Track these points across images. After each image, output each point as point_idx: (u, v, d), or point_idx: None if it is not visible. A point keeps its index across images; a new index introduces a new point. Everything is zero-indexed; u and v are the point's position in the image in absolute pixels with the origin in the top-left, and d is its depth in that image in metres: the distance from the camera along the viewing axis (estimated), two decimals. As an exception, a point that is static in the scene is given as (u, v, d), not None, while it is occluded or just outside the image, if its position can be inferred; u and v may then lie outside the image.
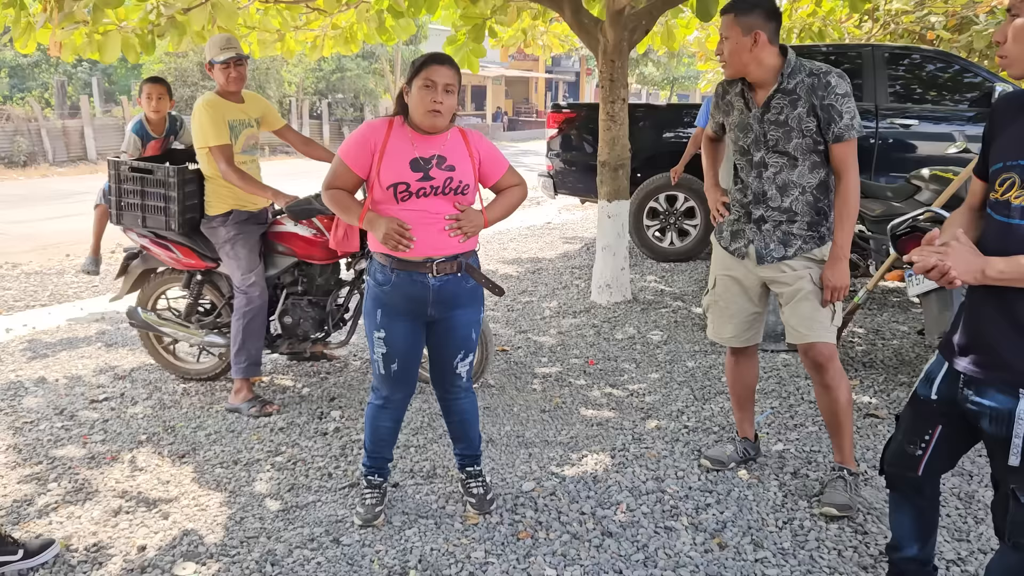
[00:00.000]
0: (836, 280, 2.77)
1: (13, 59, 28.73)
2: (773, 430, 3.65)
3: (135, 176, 4.01)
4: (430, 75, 2.53)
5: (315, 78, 27.84)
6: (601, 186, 5.84)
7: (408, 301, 2.69)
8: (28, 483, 3.27)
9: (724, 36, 2.76)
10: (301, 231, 3.99)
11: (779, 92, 2.74)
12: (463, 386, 2.92)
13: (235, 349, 3.94)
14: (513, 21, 7.49)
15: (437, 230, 2.62)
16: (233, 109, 3.90)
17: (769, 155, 2.82)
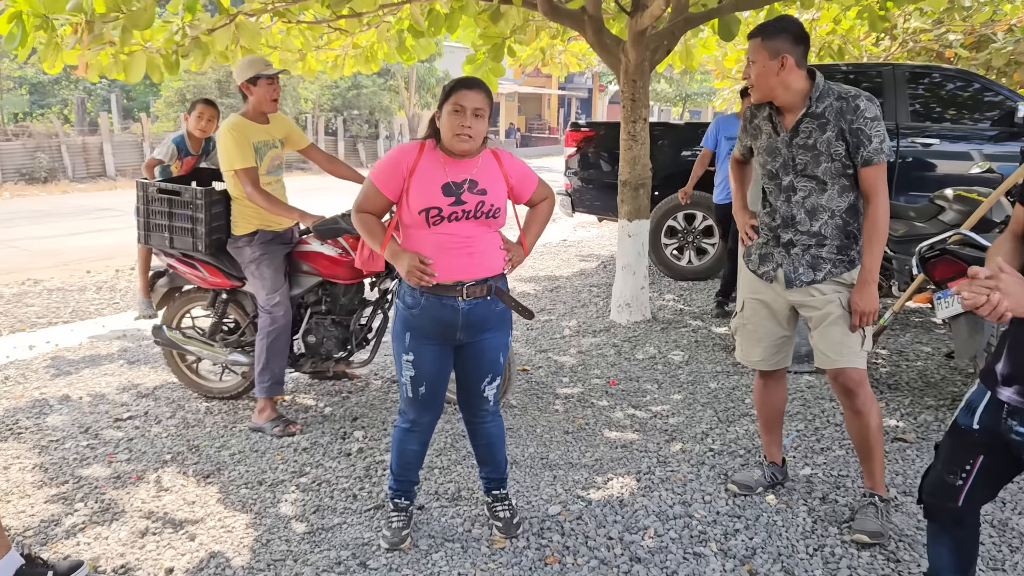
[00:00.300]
0: (865, 305, 2.74)
1: (34, 76, 29.12)
2: (800, 454, 3.62)
3: (163, 197, 4.05)
4: (459, 100, 2.54)
5: (331, 95, 28.05)
6: (622, 205, 5.84)
7: (437, 325, 2.69)
8: (55, 503, 3.28)
9: (751, 60, 2.76)
10: (327, 250, 4.00)
11: (807, 116, 2.73)
12: (490, 409, 2.92)
13: (259, 368, 3.95)
14: (532, 40, 7.54)
15: (467, 254, 2.62)
16: (258, 131, 3.93)
17: (798, 179, 2.81)
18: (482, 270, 2.65)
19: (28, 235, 11.38)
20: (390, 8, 6.55)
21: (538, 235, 2.92)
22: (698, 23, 5.63)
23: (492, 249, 2.68)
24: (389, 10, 6.65)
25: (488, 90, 2.60)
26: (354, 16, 6.46)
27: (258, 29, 6.12)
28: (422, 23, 6.57)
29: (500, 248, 2.72)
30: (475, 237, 2.62)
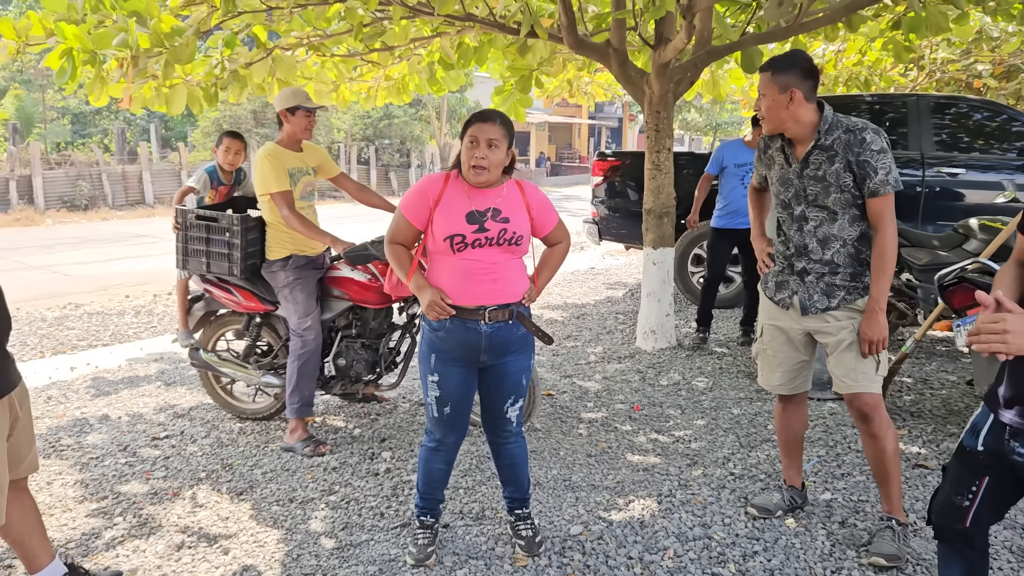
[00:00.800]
0: (872, 333, 2.80)
1: (76, 107, 30.01)
2: (820, 479, 3.65)
3: (200, 224, 4.22)
4: (474, 133, 2.68)
5: (363, 125, 28.56)
6: (646, 233, 5.93)
7: (461, 347, 2.79)
8: (95, 517, 3.42)
9: (762, 93, 2.86)
10: (357, 276, 4.13)
11: (817, 148, 2.83)
12: (513, 431, 3.00)
13: (289, 390, 4.08)
14: (559, 72, 7.70)
15: (491, 280, 2.73)
16: (292, 158, 4.10)
17: (809, 209, 2.89)
18: (504, 296, 2.76)
19: (69, 261, 11.72)
20: (421, 42, 6.76)
21: (550, 277, 3.01)
22: (721, 55, 5.74)
23: (515, 276, 2.79)
24: (420, 43, 6.86)
25: (506, 121, 2.72)
26: (386, 49, 6.67)
27: (294, 62, 6.34)
28: (452, 56, 6.76)
29: (524, 275, 2.83)
30: (498, 264, 2.73)
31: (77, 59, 4.61)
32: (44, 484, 3.73)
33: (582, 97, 9.93)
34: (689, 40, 5.22)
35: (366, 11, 5.55)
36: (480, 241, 2.70)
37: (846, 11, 5.07)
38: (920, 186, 6.76)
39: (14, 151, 20.29)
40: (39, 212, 18.93)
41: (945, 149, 6.89)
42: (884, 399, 4.45)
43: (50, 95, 29.88)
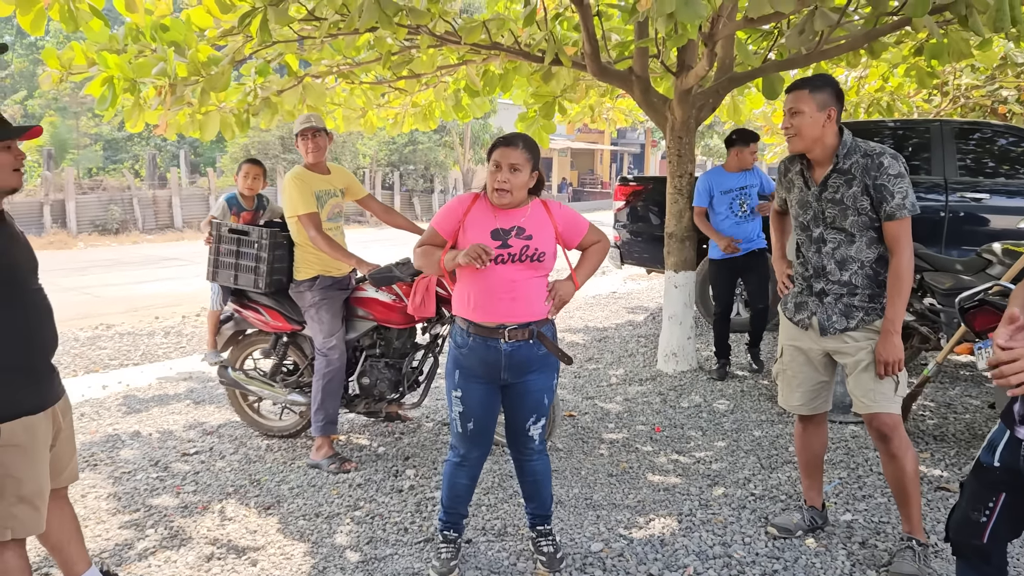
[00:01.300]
0: (887, 354, 2.84)
1: (109, 133, 30.67)
2: (841, 500, 3.66)
3: (232, 237, 4.37)
4: (497, 157, 2.80)
5: (388, 150, 28.92)
6: (668, 257, 5.99)
7: (483, 364, 2.87)
8: (128, 529, 3.51)
9: (796, 111, 2.88)
10: (381, 297, 4.23)
11: (835, 172, 2.89)
12: (536, 448, 3.05)
13: (314, 408, 4.17)
14: (582, 98, 7.82)
15: (511, 298, 2.80)
16: (319, 180, 4.22)
17: (827, 231, 2.95)
18: (525, 314, 2.82)
19: (101, 282, 11.97)
20: (447, 69, 6.91)
21: (589, 272, 3.01)
22: (743, 82, 5.82)
23: (536, 295, 2.85)
24: (446, 71, 7.01)
25: (529, 144, 2.82)
26: (413, 77, 6.82)
27: (323, 90, 6.51)
28: (477, 83, 6.90)
29: (545, 296, 2.87)
30: (519, 281, 2.80)
31: (118, 87, 4.79)
32: (79, 496, 3.83)
33: (603, 123, 10.06)
34: (711, 67, 5.31)
35: (395, 40, 5.70)
36: (503, 257, 2.78)
37: (867, 38, 5.13)
38: (944, 211, 6.77)
39: (49, 176, 20.77)
40: (72, 235, 19.34)
41: (969, 174, 6.90)
42: (906, 422, 4.47)
43: (84, 122, 30.59)
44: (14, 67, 32.96)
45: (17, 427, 2.30)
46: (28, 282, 2.41)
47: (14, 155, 2.35)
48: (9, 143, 2.34)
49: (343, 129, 8.10)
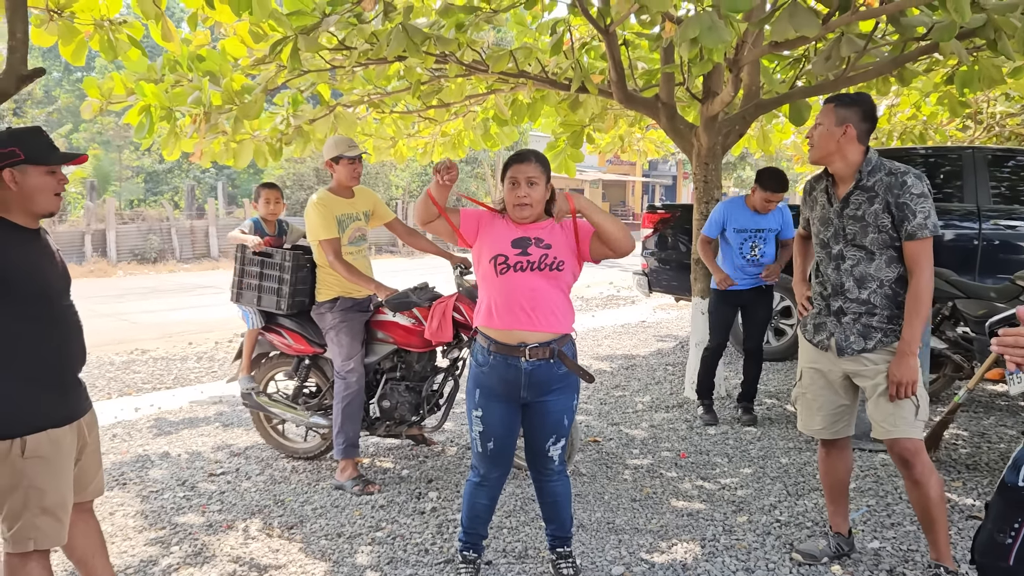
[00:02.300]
0: (900, 375, 2.80)
1: (150, 166, 31.44)
2: (869, 528, 3.59)
3: (257, 259, 4.46)
4: (513, 174, 2.84)
5: (421, 181, 29.24)
6: (695, 283, 5.97)
7: (503, 383, 2.87)
8: (153, 546, 3.55)
9: (818, 122, 2.94)
10: (401, 320, 4.26)
11: (858, 188, 2.89)
12: (555, 469, 3.03)
13: (335, 431, 4.20)
14: (610, 128, 7.86)
15: (531, 307, 2.80)
16: (342, 204, 4.26)
17: (847, 248, 2.94)
18: (544, 326, 2.80)
19: (137, 309, 12.20)
20: (476, 99, 7.02)
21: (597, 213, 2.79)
22: (769, 109, 5.82)
23: (556, 307, 2.83)
24: (475, 100, 7.12)
25: (541, 158, 2.85)
26: (443, 106, 6.94)
27: (354, 119, 6.64)
28: (506, 112, 6.99)
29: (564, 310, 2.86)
30: (539, 290, 2.80)
31: (154, 115, 4.93)
32: (107, 514, 3.89)
33: (634, 153, 10.09)
34: (736, 93, 5.32)
35: (423, 69, 5.81)
36: (522, 264, 2.80)
37: (893, 65, 5.12)
38: (977, 239, 6.67)
39: (91, 207, 21.31)
40: (111, 264, 19.76)
41: (1003, 201, 6.80)
42: (938, 450, 4.39)
43: (126, 155, 31.39)
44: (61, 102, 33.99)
45: (42, 439, 2.35)
46: (60, 298, 2.48)
47: (57, 179, 2.44)
48: (54, 168, 2.42)
49: (374, 159, 8.23)
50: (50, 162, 2.40)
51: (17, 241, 2.37)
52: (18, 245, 2.37)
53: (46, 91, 34.57)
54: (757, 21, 4.59)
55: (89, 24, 4.24)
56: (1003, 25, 4.05)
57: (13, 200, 2.36)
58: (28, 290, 2.35)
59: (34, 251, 2.42)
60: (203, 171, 30.56)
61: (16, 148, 2.33)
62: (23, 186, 2.35)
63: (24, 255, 2.37)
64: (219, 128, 5.46)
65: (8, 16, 2.72)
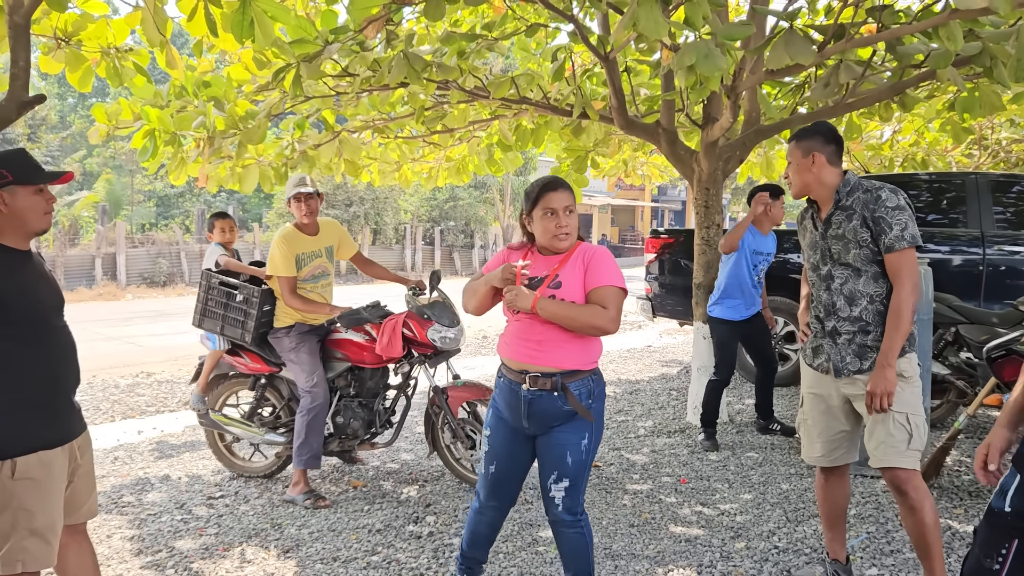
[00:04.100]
0: (875, 385, 2.80)
1: (162, 190, 31.75)
2: (868, 555, 3.56)
3: (224, 290, 4.61)
4: (548, 204, 2.72)
5: (429, 206, 29.39)
6: (696, 308, 5.96)
7: (507, 407, 2.81)
8: (149, 569, 3.55)
9: (788, 160, 3.06)
10: (354, 337, 4.45)
11: (838, 208, 2.95)
12: (558, 514, 2.79)
13: (298, 443, 4.30)
14: (614, 153, 7.92)
15: (536, 342, 2.72)
16: (305, 242, 4.44)
17: (834, 267, 2.97)
18: (549, 361, 2.70)
19: (145, 332, 12.26)
20: (480, 124, 7.08)
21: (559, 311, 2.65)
22: (770, 134, 5.85)
23: (565, 343, 2.70)
24: (479, 126, 7.18)
25: (569, 186, 2.80)
26: (447, 131, 7.00)
27: (359, 144, 6.71)
28: (510, 138, 7.05)
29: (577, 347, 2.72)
30: (549, 329, 2.70)
31: (159, 139, 5.00)
32: (104, 537, 3.89)
33: (639, 178, 10.14)
34: (735, 119, 5.35)
35: (427, 96, 5.87)
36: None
37: (893, 91, 5.14)
38: (981, 264, 6.65)
39: (101, 231, 21.49)
40: (120, 287, 19.88)
41: (1008, 227, 6.79)
42: (939, 477, 4.35)
43: (138, 179, 31.71)
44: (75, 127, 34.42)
45: (32, 461, 2.36)
46: (52, 319, 2.50)
47: (45, 199, 2.47)
48: (41, 187, 2.46)
49: (378, 183, 8.30)
50: (37, 181, 2.43)
51: (9, 263, 2.40)
52: (10, 267, 2.40)
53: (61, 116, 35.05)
54: (754, 48, 4.64)
55: (96, 51, 4.32)
56: (998, 53, 4.08)
57: (4, 222, 2.40)
58: (21, 312, 2.37)
59: (26, 272, 2.45)
60: (214, 195, 30.82)
61: (4, 170, 2.37)
62: (13, 207, 2.39)
63: (17, 277, 2.40)
64: (223, 152, 5.53)
65: (11, 44, 2.77)
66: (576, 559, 2.83)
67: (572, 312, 2.66)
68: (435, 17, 4.18)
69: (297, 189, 4.38)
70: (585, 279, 2.71)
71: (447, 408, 4.33)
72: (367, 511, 4.21)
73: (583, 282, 2.71)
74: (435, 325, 4.36)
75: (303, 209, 4.39)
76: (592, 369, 2.77)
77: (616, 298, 2.68)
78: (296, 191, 4.38)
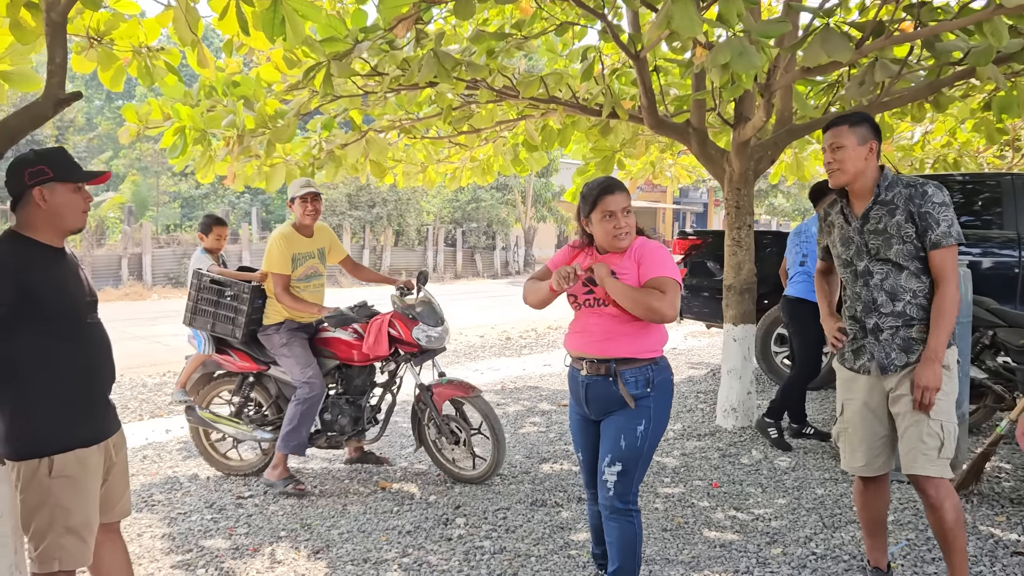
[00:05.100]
0: (925, 379, 2.73)
1: (186, 191, 32.02)
2: (909, 563, 3.47)
3: (213, 287, 4.67)
4: (606, 207, 2.79)
5: (451, 208, 29.40)
6: (727, 309, 5.89)
7: (573, 395, 2.97)
8: (179, 568, 3.54)
9: (838, 145, 2.86)
10: (342, 335, 4.58)
11: (877, 203, 2.86)
12: (610, 499, 2.83)
13: (287, 429, 4.40)
14: (641, 154, 7.86)
15: (591, 332, 2.84)
16: (302, 243, 4.57)
17: (873, 263, 2.89)
18: (603, 348, 2.80)
19: (170, 332, 12.31)
20: (506, 124, 7.04)
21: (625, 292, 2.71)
22: (802, 134, 5.77)
23: (624, 333, 2.79)
24: (505, 126, 7.15)
25: (624, 187, 2.85)
26: (473, 132, 6.97)
27: (385, 144, 6.69)
28: (536, 138, 7.01)
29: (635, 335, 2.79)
30: (609, 321, 2.80)
31: (188, 136, 5.02)
32: (135, 535, 3.89)
33: (666, 179, 10.05)
34: (768, 118, 5.28)
35: (454, 95, 5.85)
36: (590, 301, 2.85)
37: (930, 90, 5.05)
38: (1017, 267, 6.51)
39: (128, 231, 21.69)
40: (146, 287, 20.07)
41: (1046, 229, 6.64)
42: (979, 483, 4.26)
43: (164, 181, 32.01)
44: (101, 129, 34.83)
45: (69, 459, 2.36)
46: (88, 316, 2.49)
47: (83, 197, 2.47)
48: (79, 185, 2.46)
49: (401, 184, 8.29)
50: (76, 179, 2.43)
51: (45, 260, 2.40)
52: (46, 264, 2.40)
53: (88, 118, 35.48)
54: (789, 46, 4.57)
55: (128, 51, 4.33)
56: (1043, 48, 3.98)
57: (42, 218, 2.40)
58: (57, 308, 2.37)
59: (61, 269, 2.44)
60: (238, 196, 31.04)
61: (44, 167, 2.38)
62: (51, 204, 2.38)
63: (51, 273, 2.40)
64: (252, 151, 5.53)
65: (48, 42, 2.78)
66: (623, 550, 2.85)
67: (632, 292, 2.71)
68: (465, 16, 4.16)
69: (305, 190, 4.51)
70: (639, 272, 2.78)
71: (432, 405, 4.51)
72: (396, 512, 4.18)
73: (637, 275, 2.78)
74: (420, 325, 4.51)
75: (308, 209, 4.52)
76: (652, 358, 2.83)
77: (672, 287, 2.74)
78: (304, 191, 4.50)
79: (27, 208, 2.39)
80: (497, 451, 4.46)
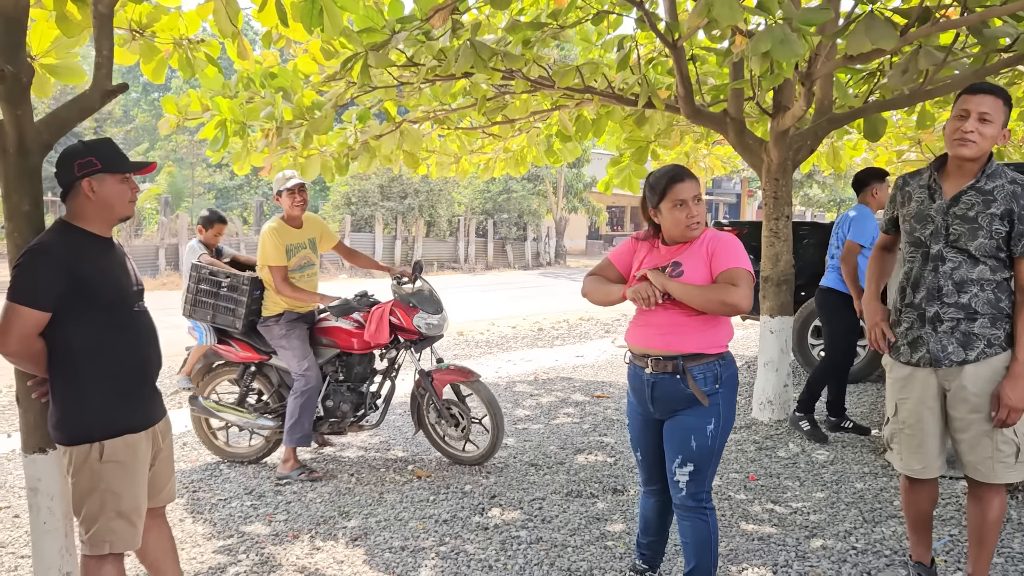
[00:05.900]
0: (1015, 399, 2.57)
1: (221, 183, 32.43)
2: (952, 558, 3.43)
3: (212, 279, 4.73)
4: (677, 195, 2.69)
5: (483, 199, 29.43)
6: (764, 301, 5.83)
7: (635, 392, 2.88)
8: (221, 553, 3.60)
9: (986, 117, 2.60)
10: (343, 324, 4.69)
11: (973, 189, 2.67)
12: (683, 499, 2.78)
13: (291, 423, 4.50)
14: (676, 144, 7.79)
15: (656, 327, 2.74)
16: (292, 234, 4.65)
17: (948, 249, 2.71)
18: (669, 343, 2.71)
19: (207, 322, 12.49)
20: (540, 115, 7.02)
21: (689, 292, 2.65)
22: (842, 123, 5.68)
23: (688, 327, 2.70)
24: (539, 117, 7.13)
25: (692, 173, 2.77)
26: (507, 122, 6.97)
27: (419, 135, 6.71)
28: (570, 128, 6.98)
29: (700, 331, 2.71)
30: (672, 313, 2.71)
31: (229, 129, 5.08)
32: (177, 521, 3.96)
33: (701, 170, 9.96)
34: (808, 107, 5.21)
35: (489, 86, 5.84)
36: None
37: (975, 78, 4.93)
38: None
39: (164, 222, 22.01)
40: (183, 277, 20.32)
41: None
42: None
43: (199, 172, 32.45)
44: (138, 121, 35.34)
45: (119, 444, 2.41)
46: (134, 305, 2.54)
47: (130, 187, 2.52)
48: (127, 175, 2.50)
49: (435, 175, 8.32)
50: (124, 169, 2.48)
51: (95, 249, 2.45)
52: (96, 253, 2.45)
53: (125, 111, 36.00)
54: (831, 34, 4.49)
55: (169, 43, 4.38)
56: (1095, 34, 3.87)
57: (91, 209, 2.44)
58: (108, 297, 2.42)
59: (110, 259, 2.49)
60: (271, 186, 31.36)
61: (93, 158, 2.42)
62: (100, 194, 2.43)
63: (101, 262, 2.45)
64: (289, 143, 5.58)
65: (95, 34, 2.82)
66: (698, 549, 2.80)
67: (700, 291, 2.65)
68: (501, 5, 4.15)
69: (291, 182, 4.60)
70: (711, 264, 2.70)
71: (432, 390, 4.62)
72: (432, 501, 4.21)
73: (708, 267, 2.70)
74: (420, 312, 4.59)
75: (296, 200, 4.60)
76: (719, 354, 2.74)
77: (746, 278, 2.65)
78: (291, 183, 4.59)
79: (77, 199, 2.44)
80: (497, 433, 4.58)
